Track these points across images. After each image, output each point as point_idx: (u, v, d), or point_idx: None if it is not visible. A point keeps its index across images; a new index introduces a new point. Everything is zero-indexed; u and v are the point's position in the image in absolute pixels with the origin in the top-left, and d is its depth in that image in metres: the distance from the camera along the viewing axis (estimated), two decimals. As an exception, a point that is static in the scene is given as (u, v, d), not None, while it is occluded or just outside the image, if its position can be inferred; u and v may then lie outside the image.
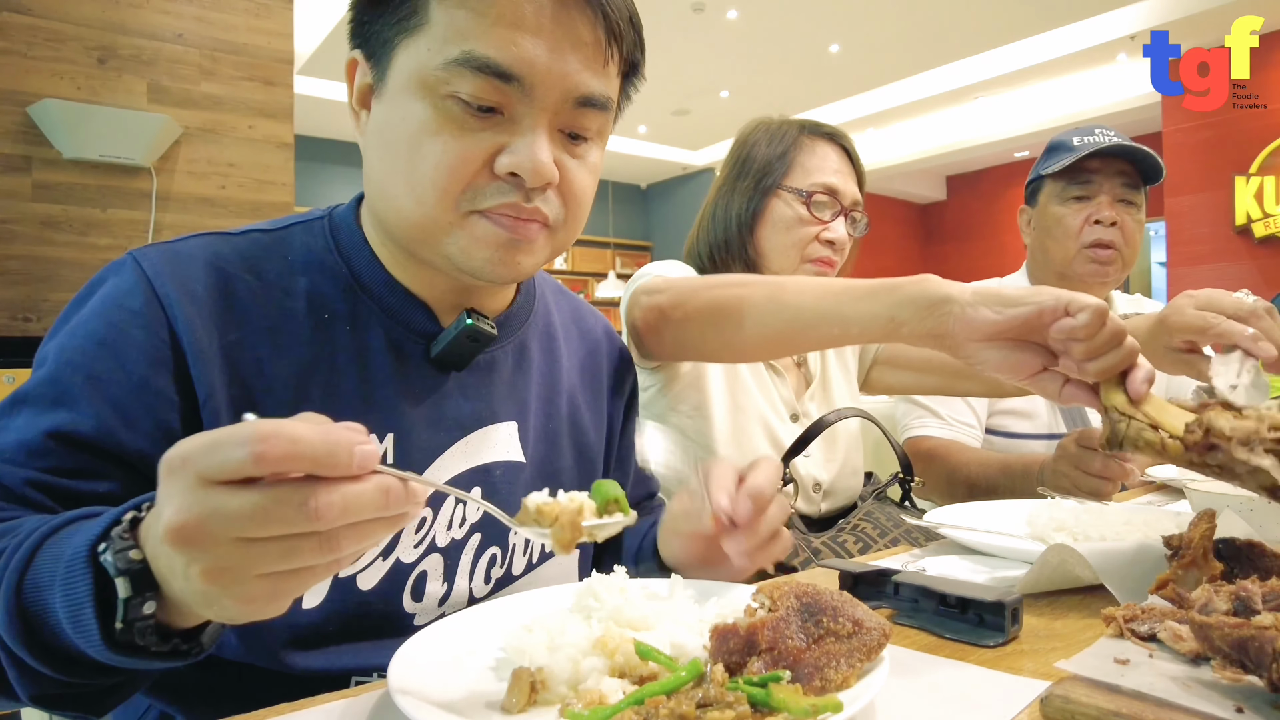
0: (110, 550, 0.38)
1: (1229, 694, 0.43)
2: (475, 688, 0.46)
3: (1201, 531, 0.58)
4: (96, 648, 0.38)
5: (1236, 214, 5.24)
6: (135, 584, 0.38)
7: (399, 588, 0.61)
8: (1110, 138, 1.41)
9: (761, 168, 1.16)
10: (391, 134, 0.58)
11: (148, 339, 0.54)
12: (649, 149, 8.60)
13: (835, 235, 1.15)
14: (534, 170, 0.57)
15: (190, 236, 0.61)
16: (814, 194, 1.14)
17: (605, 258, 9.51)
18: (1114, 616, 0.54)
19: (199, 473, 0.33)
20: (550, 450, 0.73)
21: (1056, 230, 1.43)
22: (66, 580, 0.39)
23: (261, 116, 2.80)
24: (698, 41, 5.91)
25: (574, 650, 0.45)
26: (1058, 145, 1.46)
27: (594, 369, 0.81)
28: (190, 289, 0.56)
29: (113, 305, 0.55)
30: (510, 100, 0.56)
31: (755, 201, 1.16)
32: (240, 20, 2.75)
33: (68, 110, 2.39)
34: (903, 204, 9.88)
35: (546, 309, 0.78)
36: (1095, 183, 1.40)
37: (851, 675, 0.42)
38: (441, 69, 0.55)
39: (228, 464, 0.32)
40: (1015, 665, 0.50)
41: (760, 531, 0.59)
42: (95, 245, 2.48)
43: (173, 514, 0.33)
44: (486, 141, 0.57)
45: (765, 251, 1.16)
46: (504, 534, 0.68)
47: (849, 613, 0.45)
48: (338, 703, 0.47)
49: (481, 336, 0.65)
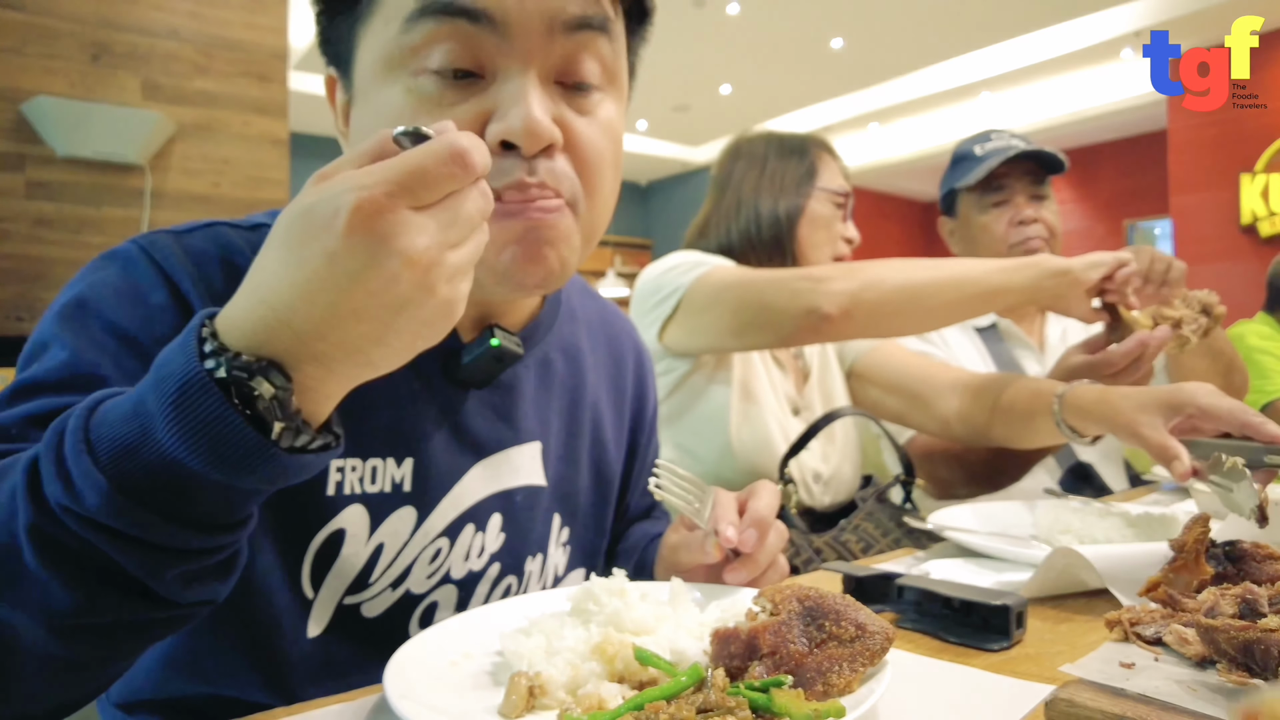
0: (223, 362, 0.35)
1: (1235, 697, 0.42)
2: (473, 692, 0.45)
3: (1195, 535, 0.58)
4: (257, 454, 0.35)
5: (1242, 212, 5.25)
6: (271, 379, 0.35)
7: (406, 616, 0.59)
8: (1008, 140, 1.49)
9: (795, 168, 1.26)
10: (368, 133, 0.51)
11: (173, 337, 0.50)
12: (649, 145, 8.58)
13: (852, 234, 1.29)
14: (528, 131, 0.48)
15: (197, 226, 0.55)
16: (840, 194, 1.26)
17: (605, 256, 9.50)
18: (1118, 620, 0.53)
19: (350, 159, 0.36)
20: (569, 470, 0.70)
21: (984, 238, 1.51)
22: (179, 408, 0.34)
23: (256, 113, 2.78)
24: (698, 37, 5.89)
25: (572, 655, 0.45)
26: (962, 156, 1.54)
27: (619, 381, 0.78)
28: (210, 288, 0.52)
29: (135, 297, 0.49)
30: (487, 52, 0.49)
31: (799, 199, 1.25)
32: (234, 16, 2.73)
33: (61, 107, 2.37)
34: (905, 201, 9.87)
35: (572, 314, 0.73)
36: (1008, 187, 1.49)
37: (854, 680, 0.42)
38: (403, 31, 0.49)
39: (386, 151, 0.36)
40: (1020, 669, 0.50)
41: (760, 561, 0.59)
42: (89, 244, 2.47)
43: (353, 196, 0.34)
44: (469, 112, 0.49)
45: (804, 248, 1.25)
46: (521, 561, 0.65)
47: (852, 616, 0.44)
48: (335, 707, 0.47)
49: (506, 356, 0.59)
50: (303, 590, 0.55)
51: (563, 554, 0.70)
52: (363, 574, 0.57)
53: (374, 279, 0.34)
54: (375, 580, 0.57)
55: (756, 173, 1.28)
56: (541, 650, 0.45)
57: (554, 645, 0.46)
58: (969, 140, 1.55)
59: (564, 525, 0.69)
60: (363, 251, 0.34)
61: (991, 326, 1.52)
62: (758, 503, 0.59)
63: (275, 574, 0.54)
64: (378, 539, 0.57)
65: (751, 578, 0.59)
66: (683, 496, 0.61)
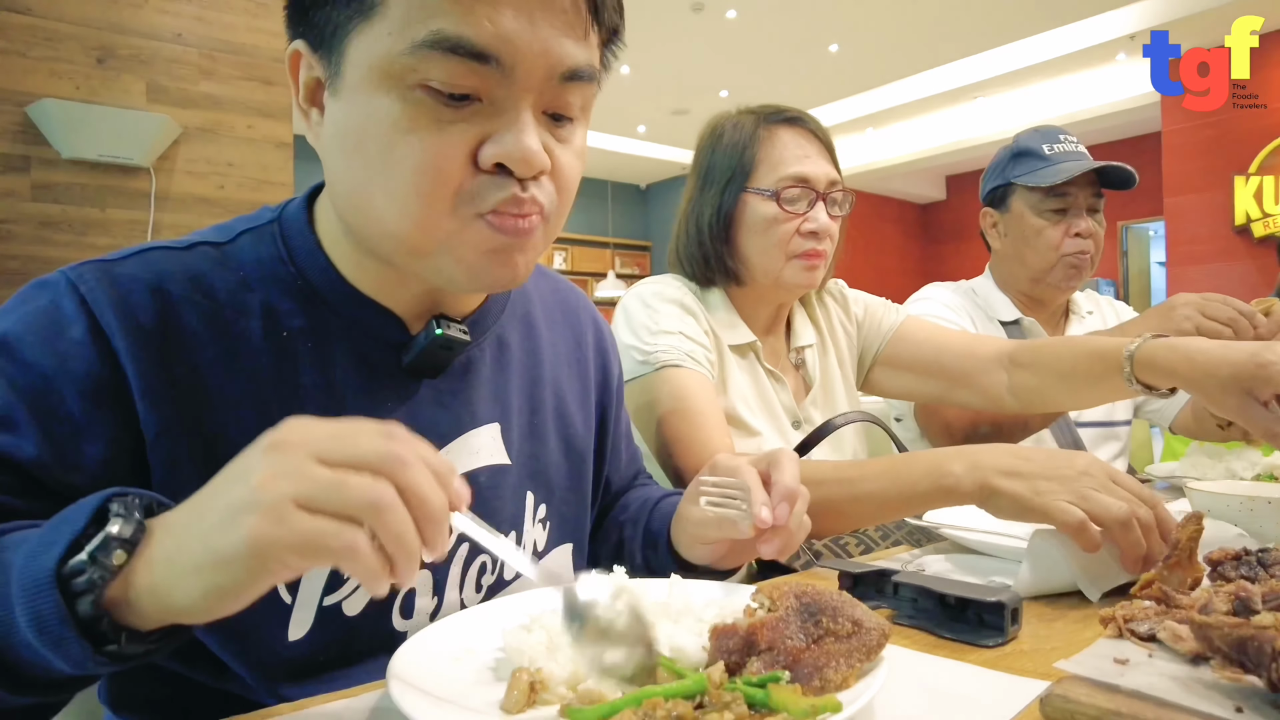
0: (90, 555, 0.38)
1: (1229, 694, 0.43)
2: (475, 687, 0.46)
3: (1189, 533, 0.58)
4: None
5: (1236, 214, 5.26)
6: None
7: (387, 608, 0.59)
8: (1076, 146, 1.44)
9: (724, 171, 1.10)
10: (356, 137, 0.51)
11: (88, 373, 0.50)
12: (648, 149, 8.60)
13: (816, 225, 1.08)
14: (524, 160, 0.51)
15: (131, 253, 0.55)
16: (783, 189, 1.07)
17: (605, 257, 9.51)
18: (1113, 617, 0.54)
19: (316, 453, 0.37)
20: (536, 447, 0.70)
21: (1037, 242, 1.46)
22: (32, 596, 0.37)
23: (260, 116, 2.79)
24: (697, 41, 5.90)
25: (573, 650, 0.45)
26: (1026, 152, 1.47)
27: (580, 357, 0.78)
28: (134, 319, 0.52)
29: (53, 334, 0.50)
30: (488, 84, 0.50)
31: (725, 208, 1.10)
32: (239, 20, 2.75)
33: (66, 110, 2.38)
34: (902, 204, 9.88)
35: (525, 294, 0.74)
36: (1072, 195, 1.43)
37: (851, 675, 0.42)
38: (407, 55, 0.49)
39: (356, 454, 0.37)
40: (1015, 665, 0.50)
41: (794, 532, 0.59)
42: (94, 245, 2.48)
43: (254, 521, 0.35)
44: (466, 133, 0.51)
45: (746, 257, 1.11)
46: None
47: (848, 613, 0.45)
48: (338, 703, 0.47)
49: (454, 344, 0.61)
50: (279, 595, 0.55)
51: (541, 530, 0.70)
52: (336, 572, 0.57)
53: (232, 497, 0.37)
54: (350, 576, 0.57)
55: (698, 178, 1.14)
56: (543, 646, 0.46)
57: (555, 641, 0.46)
58: (1033, 135, 1.47)
59: (540, 502, 0.70)
60: (259, 465, 0.37)
61: (1015, 322, 1.51)
62: (783, 475, 0.60)
63: None
64: None
65: (784, 546, 0.60)
66: (736, 506, 0.61)
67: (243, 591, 0.37)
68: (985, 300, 1.56)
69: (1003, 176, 1.50)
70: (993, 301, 1.54)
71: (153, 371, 0.52)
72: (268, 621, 0.55)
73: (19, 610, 0.38)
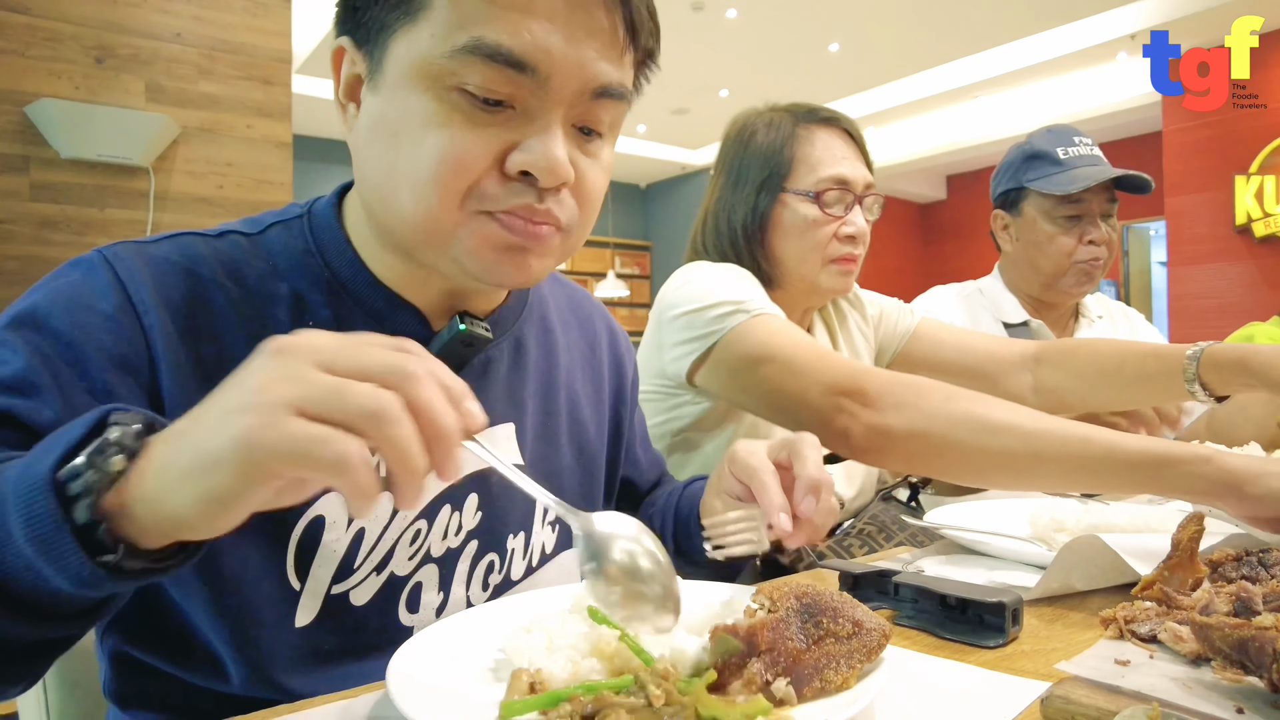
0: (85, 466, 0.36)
1: (1230, 695, 0.43)
2: (474, 688, 0.45)
3: (1190, 533, 0.58)
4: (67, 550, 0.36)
5: (1237, 213, 5.25)
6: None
7: (394, 601, 0.60)
8: (1091, 149, 1.42)
9: (759, 171, 1.07)
10: (389, 129, 0.53)
11: (116, 345, 0.51)
12: (648, 148, 8.59)
13: (855, 228, 1.06)
14: (550, 170, 0.53)
15: (164, 237, 0.57)
16: (824, 191, 1.05)
17: (605, 257, 9.50)
18: (1114, 618, 0.54)
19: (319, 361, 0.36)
20: (548, 450, 0.71)
21: (1050, 248, 1.44)
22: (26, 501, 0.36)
23: (260, 116, 2.79)
24: (697, 40, 5.90)
25: (573, 652, 0.45)
26: (1040, 154, 1.44)
27: (594, 362, 0.79)
28: (167, 296, 0.53)
29: (81, 305, 0.51)
30: (522, 93, 0.52)
31: (761, 208, 1.07)
32: (238, 19, 2.74)
33: (65, 110, 2.38)
34: (903, 203, 9.87)
35: (542, 299, 0.75)
36: (1087, 201, 1.42)
37: (851, 676, 0.42)
38: (447, 58, 0.51)
39: (363, 364, 0.36)
40: (1016, 666, 0.50)
41: (819, 523, 0.58)
42: (93, 245, 2.43)
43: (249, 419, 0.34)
44: (496, 138, 0.53)
45: (781, 259, 1.08)
46: (502, 540, 0.66)
47: (849, 614, 0.44)
48: (337, 704, 0.47)
49: (476, 341, 0.61)
50: (288, 580, 0.56)
51: (550, 532, 0.71)
52: (346, 560, 0.58)
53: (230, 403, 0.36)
54: (360, 565, 0.58)
55: (730, 173, 1.11)
56: (542, 647, 0.46)
57: (555, 642, 0.46)
58: (1047, 136, 1.45)
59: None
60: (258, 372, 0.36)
61: (1023, 324, 1.50)
62: (806, 466, 0.58)
63: (255, 564, 0.55)
64: (358, 524, 0.58)
65: (811, 537, 0.58)
66: (747, 539, 0.58)
67: (232, 500, 0.35)
68: (993, 301, 1.54)
69: (1015, 179, 1.48)
70: (1001, 303, 1.53)
71: (180, 349, 0.53)
72: (275, 606, 0.55)
73: (13, 517, 0.36)
